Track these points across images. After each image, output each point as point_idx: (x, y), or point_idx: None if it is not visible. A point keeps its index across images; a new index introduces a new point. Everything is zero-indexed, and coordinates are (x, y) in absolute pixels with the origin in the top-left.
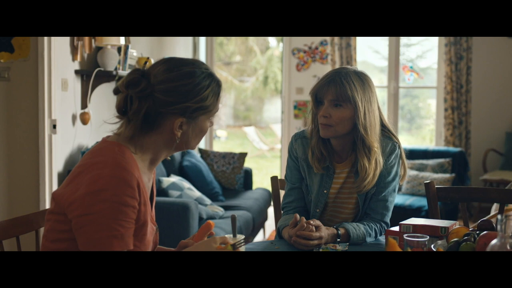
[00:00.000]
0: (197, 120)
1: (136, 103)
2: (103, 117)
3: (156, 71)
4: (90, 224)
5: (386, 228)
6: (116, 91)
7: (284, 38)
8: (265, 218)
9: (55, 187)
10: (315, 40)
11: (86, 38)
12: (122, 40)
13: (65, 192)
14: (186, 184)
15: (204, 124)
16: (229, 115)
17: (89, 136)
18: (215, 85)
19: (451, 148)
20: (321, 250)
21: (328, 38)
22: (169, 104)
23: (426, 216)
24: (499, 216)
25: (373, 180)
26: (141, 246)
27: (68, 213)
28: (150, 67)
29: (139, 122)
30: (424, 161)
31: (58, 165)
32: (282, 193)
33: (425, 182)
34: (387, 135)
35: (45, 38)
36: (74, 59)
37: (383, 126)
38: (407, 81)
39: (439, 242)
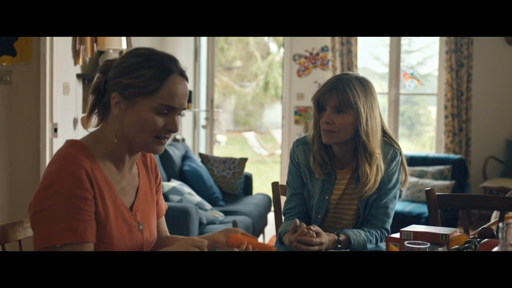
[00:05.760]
0: (134, 102)
1: (96, 77)
2: None
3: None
4: (42, 220)
5: (386, 235)
6: None
7: (285, 43)
8: (265, 223)
9: None
10: (316, 46)
11: (88, 43)
12: (124, 44)
13: None
14: (186, 189)
15: (143, 111)
16: (229, 120)
17: None
18: (161, 68)
19: (451, 155)
20: None
21: (329, 44)
22: (109, 79)
23: (426, 223)
24: (500, 224)
25: (374, 186)
26: (114, 243)
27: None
28: None
29: (92, 97)
30: (424, 168)
31: None
32: (283, 198)
33: (426, 189)
34: (388, 142)
35: (47, 42)
36: (76, 63)
37: (384, 132)
38: (408, 87)
39: (440, 249)
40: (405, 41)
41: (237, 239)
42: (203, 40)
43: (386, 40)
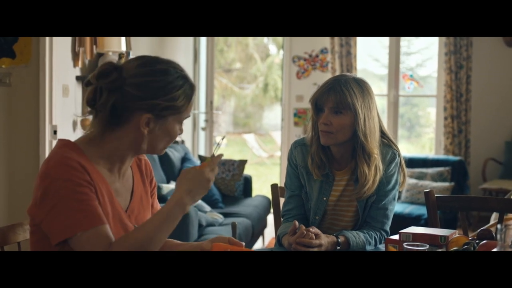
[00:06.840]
0: (166, 120)
1: (105, 94)
2: None
3: (129, 65)
4: (57, 216)
5: (385, 237)
6: (87, 83)
7: (285, 45)
8: (264, 225)
9: None
10: (316, 48)
11: (88, 44)
12: (123, 46)
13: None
14: None
15: (172, 126)
16: (228, 122)
17: None
18: (188, 88)
19: (451, 157)
20: None
21: (328, 46)
22: (138, 99)
23: (425, 224)
24: (498, 226)
25: (372, 187)
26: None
27: (35, 218)
28: (124, 62)
29: (106, 115)
30: (424, 170)
31: None
32: (282, 200)
33: (425, 190)
34: (387, 143)
35: (47, 44)
36: (75, 65)
37: (382, 133)
38: (407, 89)
39: (439, 251)
40: (404, 42)
41: (219, 248)
42: (203, 41)
43: (385, 41)
